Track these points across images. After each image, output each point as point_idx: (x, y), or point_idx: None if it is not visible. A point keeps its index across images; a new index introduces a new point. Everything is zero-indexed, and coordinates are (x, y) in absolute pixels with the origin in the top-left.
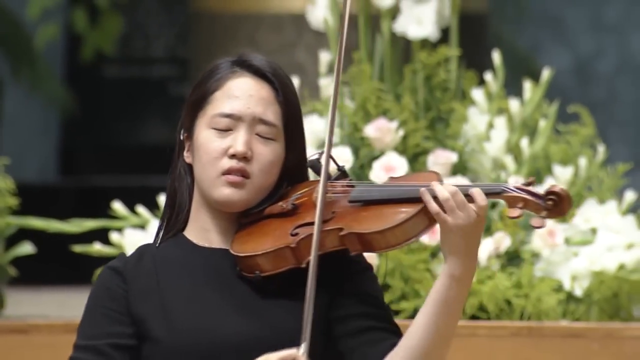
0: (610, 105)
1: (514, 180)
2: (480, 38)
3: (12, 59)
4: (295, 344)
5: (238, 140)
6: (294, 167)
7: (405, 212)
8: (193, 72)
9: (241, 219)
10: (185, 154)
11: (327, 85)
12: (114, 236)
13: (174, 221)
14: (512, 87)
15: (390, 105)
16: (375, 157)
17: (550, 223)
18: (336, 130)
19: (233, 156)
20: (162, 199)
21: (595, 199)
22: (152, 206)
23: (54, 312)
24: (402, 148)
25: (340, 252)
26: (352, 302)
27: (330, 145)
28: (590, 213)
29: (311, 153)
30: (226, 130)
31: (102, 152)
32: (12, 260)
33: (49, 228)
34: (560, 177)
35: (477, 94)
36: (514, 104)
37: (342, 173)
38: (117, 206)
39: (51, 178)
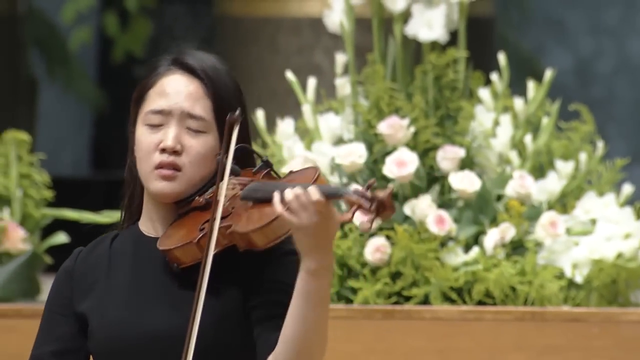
0: (609, 104)
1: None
2: (486, 40)
3: (48, 60)
4: (208, 336)
5: (168, 135)
6: None
7: (273, 212)
8: None
9: (178, 210)
10: (135, 149)
11: (342, 84)
12: None
13: (128, 213)
14: (517, 87)
15: (402, 104)
16: (388, 153)
17: (552, 215)
18: (351, 127)
19: (163, 150)
20: None
21: (595, 192)
22: None
23: None
24: (413, 144)
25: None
26: (262, 291)
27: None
28: (590, 205)
29: (325, 149)
30: (158, 126)
31: None
32: (47, 249)
33: (81, 219)
34: (562, 171)
35: (484, 93)
36: (518, 103)
37: (265, 163)
38: None
39: (84, 172)
